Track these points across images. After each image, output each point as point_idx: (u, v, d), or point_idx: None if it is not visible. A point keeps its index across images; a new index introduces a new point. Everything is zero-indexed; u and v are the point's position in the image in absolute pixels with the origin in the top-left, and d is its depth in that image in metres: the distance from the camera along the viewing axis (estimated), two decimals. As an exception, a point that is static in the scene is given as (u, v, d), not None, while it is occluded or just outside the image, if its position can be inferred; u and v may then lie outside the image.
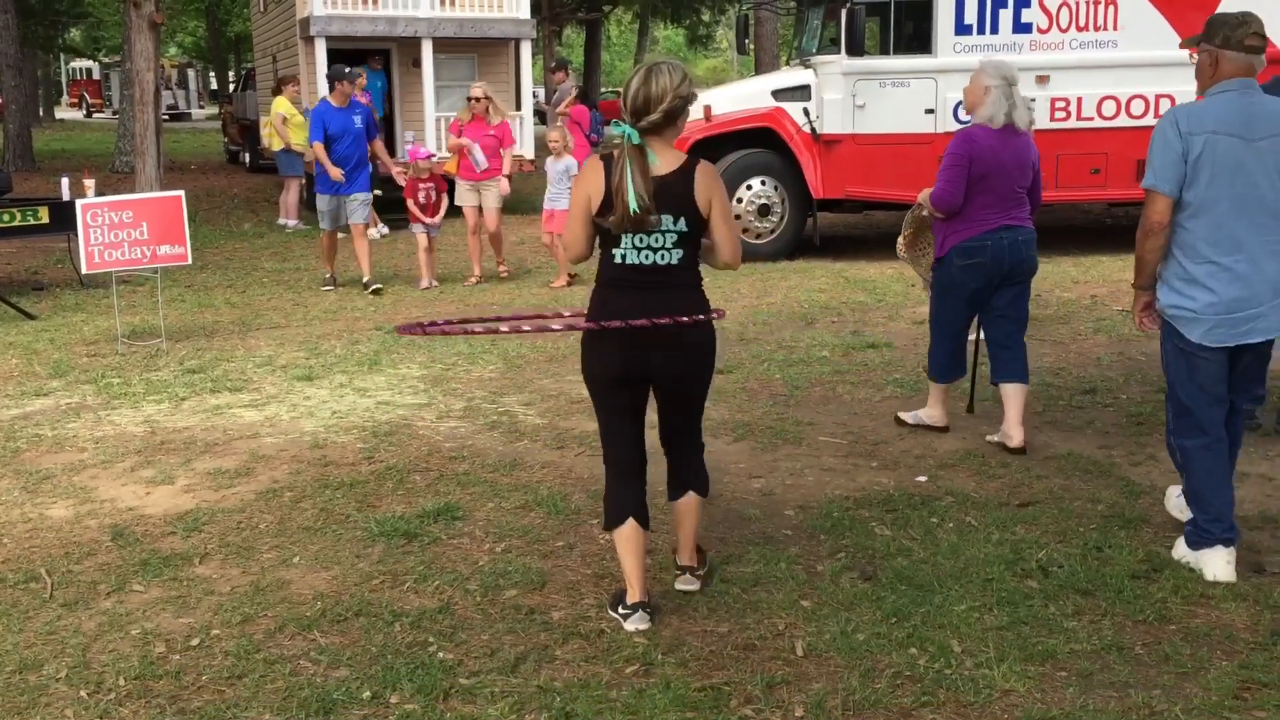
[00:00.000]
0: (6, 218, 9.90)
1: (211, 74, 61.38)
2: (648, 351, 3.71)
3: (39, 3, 29.17)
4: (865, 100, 11.65)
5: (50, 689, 3.38)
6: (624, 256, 3.65)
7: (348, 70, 10.49)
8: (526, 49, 16.42)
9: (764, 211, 11.95)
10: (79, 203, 7.98)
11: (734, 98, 12.24)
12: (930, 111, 11.72)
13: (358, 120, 10.19)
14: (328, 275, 10.58)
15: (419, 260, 10.62)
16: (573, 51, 46.80)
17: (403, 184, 10.64)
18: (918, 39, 11.75)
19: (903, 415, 6.08)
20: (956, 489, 5.01)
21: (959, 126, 11.60)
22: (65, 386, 6.97)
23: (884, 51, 11.82)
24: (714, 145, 11.93)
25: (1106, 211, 15.13)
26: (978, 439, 5.76)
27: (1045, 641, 3.60)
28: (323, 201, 10.29)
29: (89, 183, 10.12)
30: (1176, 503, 4.56)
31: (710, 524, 4.66)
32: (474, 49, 16.42)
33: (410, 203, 10.49)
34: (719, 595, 3.98)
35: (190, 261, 8.34)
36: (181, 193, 8.14)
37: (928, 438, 5.79)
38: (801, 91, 11.87)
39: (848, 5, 11.37)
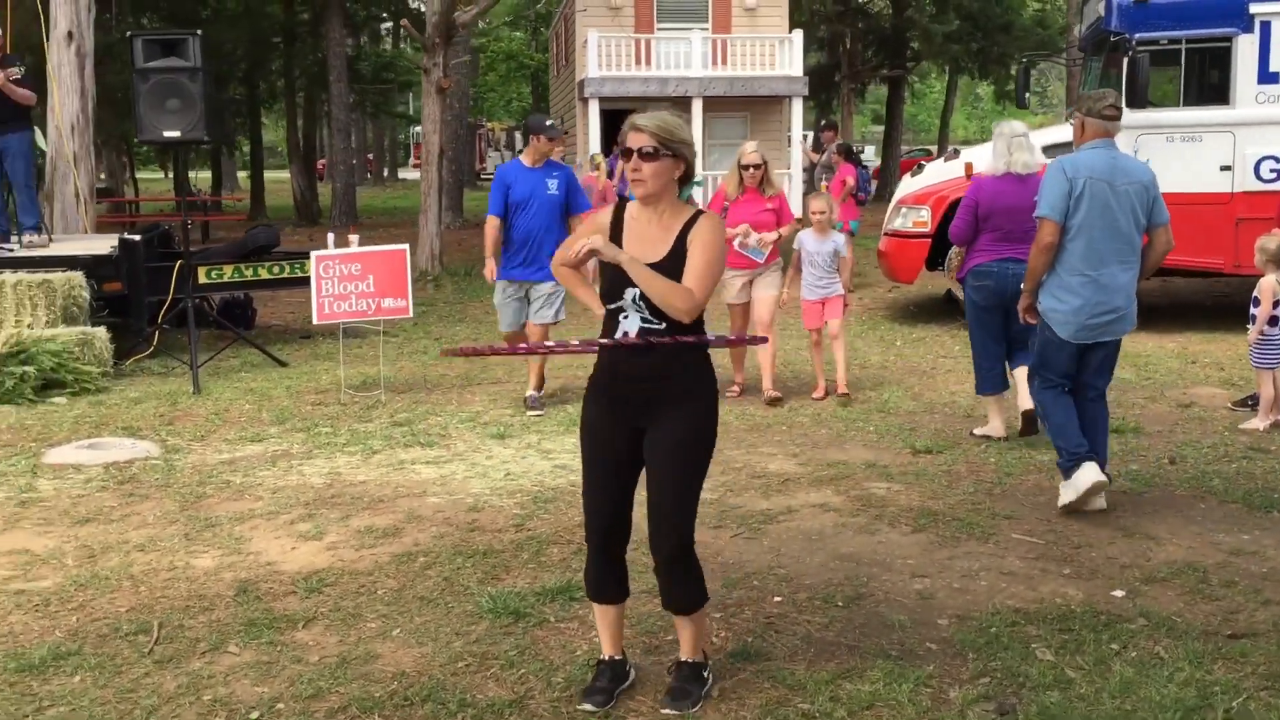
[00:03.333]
0: (276, 269, 10.56)
1: (535, 136, 64.67)
2: None
3: (371, 73, 31.69)
4: (1149, 156, 10.56)
5: (98, 751, 3.34)
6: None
7: (549, 124, 7.96)
8: (798, 106, 16.16)
9: (1029, 276, 11.06)
10: (313, 255, 8.35)
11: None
12: (1227, 169, 10.54)
13: (553, 185, 7.71)
14: (530, 394, 7.77)
15: None
16: (880, 107, 46.11)
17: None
18: (1213, 89, 10.61)
19: (975, 430, 6.90)
20: (1157, 610, 4.24)
21: (1261, 186, 10.45)
22: (280, 434, 7.22)
23: (1173, 103, 10.73)
24: (975, 204, 11.19)
25: None
26: (1207, 546, 4.91)
27: (1199, 822, 2.89)
28: (499, 292, 7.80)
29: (353, 237, 10.64)
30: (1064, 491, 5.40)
31: (848, 626, 4.14)
32: (746, 107, 16.32)
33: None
34: (822, 716, 3.48)
35: (411, 315, 8.54)
36: (405, 247, 8.37)
37: (1144, 544, 4.99)
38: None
39: (1130, 52, 10.40)
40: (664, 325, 3.37)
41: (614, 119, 16.21)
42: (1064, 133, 11.26)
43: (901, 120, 37.56)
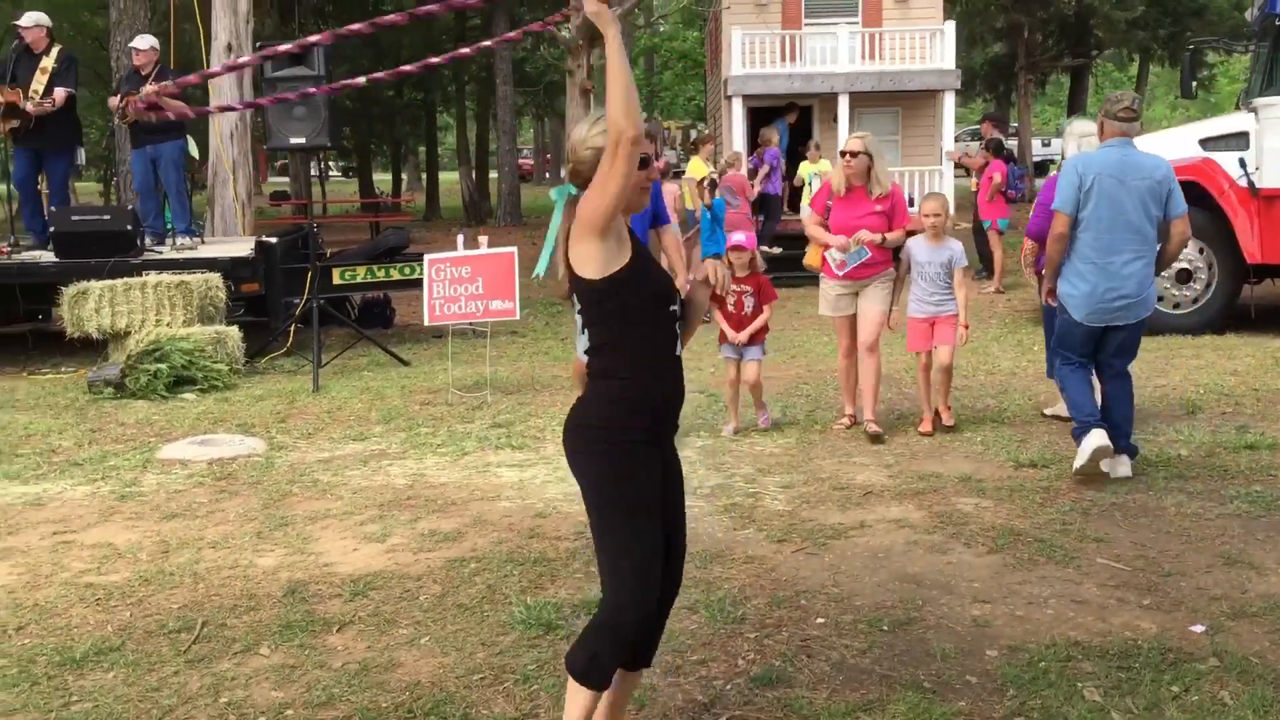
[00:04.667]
0: (408, 270, 10.78)
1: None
2: None
3: (536, 74, 32.21)
4: (1316, 149, 9.80)
5: (103, 749, 3.42)
6: None
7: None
8: (950, 101, 15.57)
9: (1184, 278, 10.37)
10: (426, 258, 8.47)
11: (1154, 148, 10.74)
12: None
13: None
14: None
15: (726, 394, 7.25)
16: (1060, 90, 44.24)
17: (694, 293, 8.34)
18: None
19: (1046, 410, 7.24)
20: (1236, 649, 3.86)
21: None
22: (383, 433, 7.34)
23: (1348, 89, 9.89)
24: (1126, 201, 10.56)
25: None
26: (1317, 581, 4.46)
27: None
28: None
29: (483, 239, 10.78)
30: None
31: (887, 653, 3.91)
32: (896, 102, 15.84)
33: (715, 311, 7.08)
34: (829, 751, 3.28)
35: (518, 317, 8.57)
36: (514, 249, 8.40)
37: (1245, 574, 4.57)
38: (1237, 139, 10.20)
39: (1295, 35, 9.63)
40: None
41: (759, 117, 15.98)
42: (1231, 123, 10.53)
43: (1084, 111, 35.87)
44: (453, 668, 3.90)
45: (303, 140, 8.88)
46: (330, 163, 39.07)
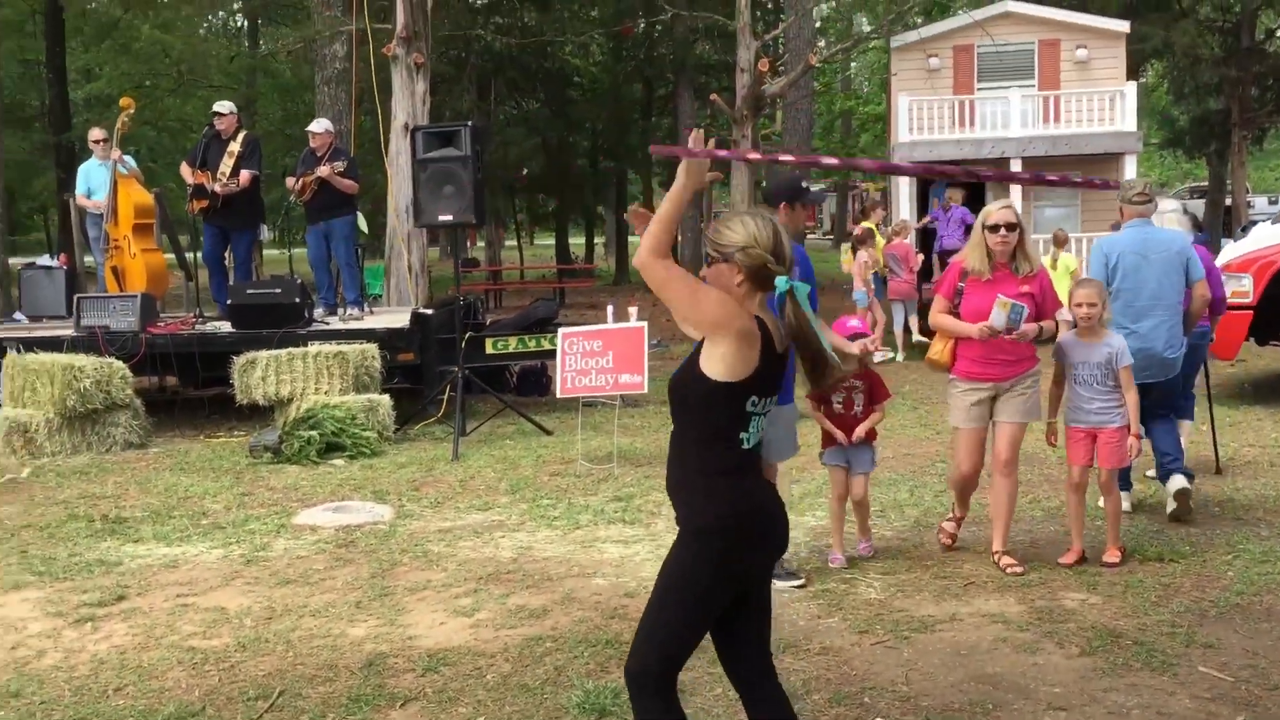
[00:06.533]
0: (551, 342, 11.00)
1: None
2: (764, 546, 3.19)
3: (718, 143, 32.57)
4: None
5: (153, 813, 3.60)
6: (748, 439, 3.12)
7: (805, 185, 5.75)
8: (1131, 163, 14.93)
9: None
10: (560, 331, 8.66)
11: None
12: None
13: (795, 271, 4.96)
14: None
15: (831, 512, 6.17)
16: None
17: None
18: None
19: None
20: (1327, 778, 3.54)
21: None
22: (507, 504, 7.51)
23: None
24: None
25: None
26: None
27: None
28: None
29: (633, 310, 10.94)
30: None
31: (939, 763, 3.75)
32: (1076, 166, 15.31)
33: (815, 410, 6.02)
34: None
35: (646, 390, 8.63)
36: (644, 324, 8.50)
37: (1364, 690, 4.18)
38: None
39: None
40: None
41: (927, 184, 15.71)
42: None
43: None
44: (497, 750, 3.95)
45: (450, 217, 9.27)
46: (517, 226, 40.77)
